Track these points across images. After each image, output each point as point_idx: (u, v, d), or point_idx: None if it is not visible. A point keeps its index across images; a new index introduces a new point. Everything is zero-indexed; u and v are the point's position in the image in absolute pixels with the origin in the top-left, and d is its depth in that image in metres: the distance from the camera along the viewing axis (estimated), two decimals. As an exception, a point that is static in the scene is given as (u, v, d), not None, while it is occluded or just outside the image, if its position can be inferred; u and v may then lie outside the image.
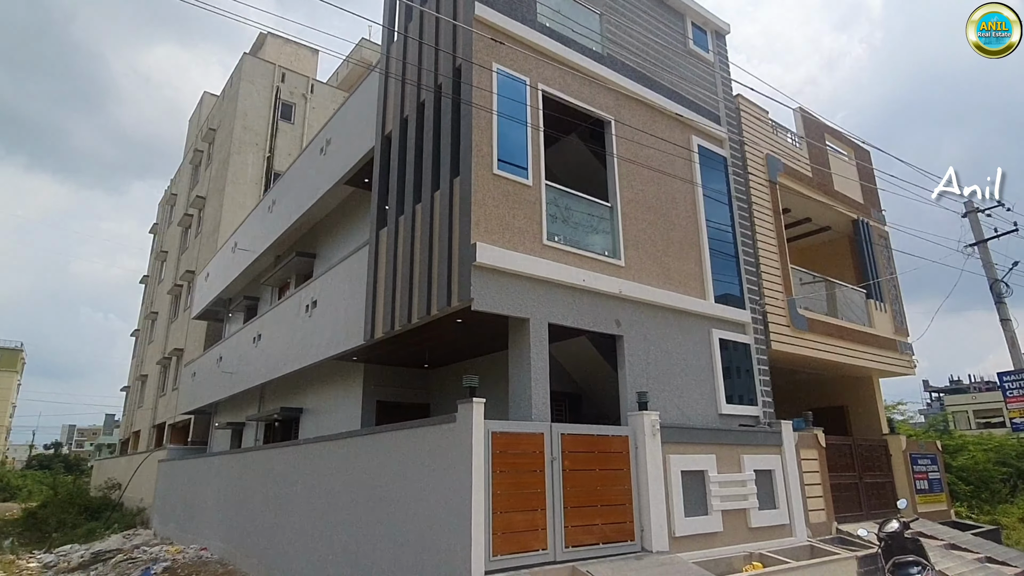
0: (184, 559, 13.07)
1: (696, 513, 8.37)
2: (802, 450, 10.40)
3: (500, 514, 6.52)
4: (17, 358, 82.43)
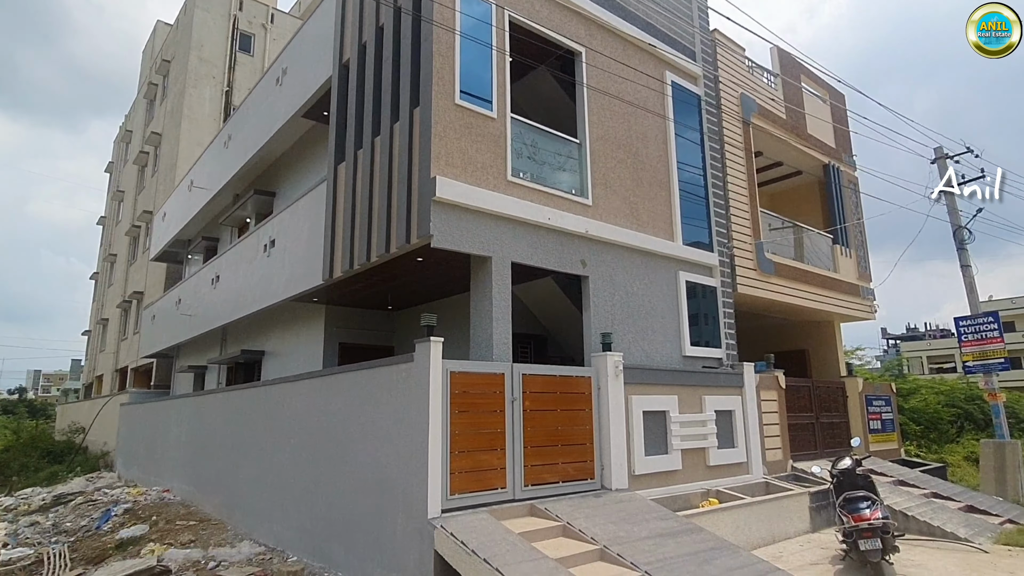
0: (146, 501, 12.96)
1: (656, 452, 8.45)
2: (762, 391, 10.54)
3: (458, 453, 6.44)
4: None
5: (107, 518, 11.86)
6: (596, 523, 6.54)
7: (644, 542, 6.28)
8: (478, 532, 5.80)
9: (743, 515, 8.28)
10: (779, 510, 8.89)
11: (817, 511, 9.42)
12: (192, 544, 9.53)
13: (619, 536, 6.31)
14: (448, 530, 5.76)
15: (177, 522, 10.89)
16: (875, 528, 6.79)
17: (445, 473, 6.27)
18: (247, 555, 8.66)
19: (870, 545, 6.76)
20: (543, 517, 6.65)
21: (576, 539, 6.27)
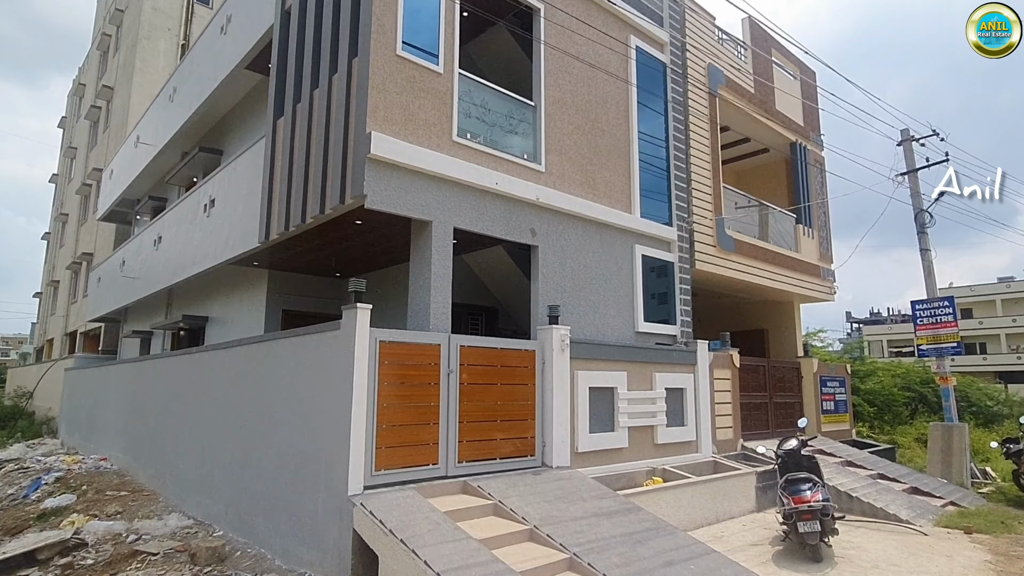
0: (80, 470, 12.40)
1: (602, 429, 8.22)
2: (716, 369, 10.38)
3: (386, 427, 6.08)
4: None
5: (36, 487, 11.30)
6: (530, 502, 6.28)
7: (577, 522, 6.03)
8: (400, 510, 5.48)
9: (687, 494, 8.13)
10: (725, 489, 8.77)
11: (763, 491, 9.34)
12: (119, 516, 9.07)
13: (552, 516, 6.06)
14: (367, 508, 5.43)
15: (108, 492, 10.40)
16: (814, 511, 6.66)
17: (370, 448, 5.92)
18: (173, 528, 8.25)
19: (808, 528, 6.63)
20: (475, 495, 6.37)
21: (507, 518, 6.00)
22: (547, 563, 5.22)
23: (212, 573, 6.58)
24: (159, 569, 6.73)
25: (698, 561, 5.76)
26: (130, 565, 6.92)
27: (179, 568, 6.73)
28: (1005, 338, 49.99)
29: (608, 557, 5.45)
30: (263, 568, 6.54)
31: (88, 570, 6.94)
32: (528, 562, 5.16)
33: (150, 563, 6.94)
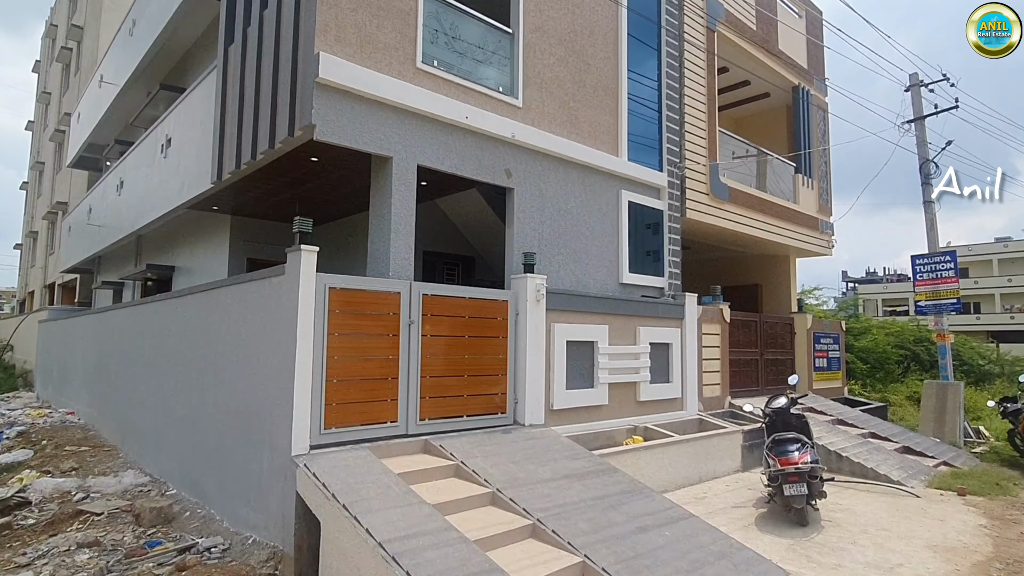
0: (45, 424, 11.96)
1: (580, 386, 7.73)
2: (705, 324, 9.86)
3: (337, 382, 5.54)
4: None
5: (-3, 441, 10.87)
6: (495, 463, 5.80)
7: (545, 485, 5.57)
8: (347, 472, 4.98)
9: (669, 453, 7.70)
10: (709, 449, 8.36)
11: (750, 450, 8.95)
12: (73, 472, 8.63)
13: (518, 478, 5.59)
14: (311, 470, 4.93)
15: (68, 448, 9.96)
16: (801, 473, 6.22)
17: (318, 404, 5.39)
18: (127, 485, 7.82)
19: (795, 491, 6.20)
20: (437, 455, 5.88)
21: (468, 481, 5.52)
22: (506, 530, 4.76)
23: (156, 535, 6.15)
24: (101, 530, 6.29)
25: (674, 527, 5.32)
26: (71, 526, 6.48)
27: (122, 529, 6.30)
28: (1000, 298, 49.75)
29: (575, 523, 4.99)
30: (210, 530, 6.11)
31: (28, 530, 6.50)
32: (485, 529, 4.70)
33: (92, 523, 6.50)
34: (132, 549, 5.69)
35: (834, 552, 5.62)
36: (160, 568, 5.21)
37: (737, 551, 5.17)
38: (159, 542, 5.87)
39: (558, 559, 4.52)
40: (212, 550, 5.62)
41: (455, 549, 4.24)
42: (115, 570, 5.28)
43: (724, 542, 5.27)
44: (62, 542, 5.99)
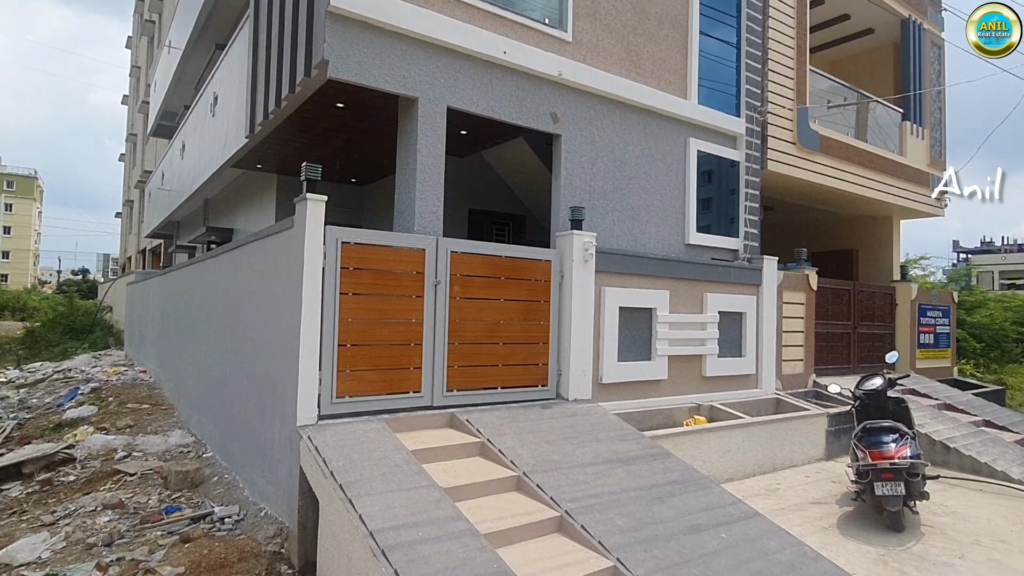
0: (117, 381, 12.41)
1: (634, 358, 6.88)
2: (786, 292, 8.68)
3: (351, 347, 5.01)
4: (33, 186, 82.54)
5: (72, 396, 11.33)
6: (526, 442, 5.12)
7: (582, 470, 4.84)
8: (353, 447, 4.45)
9: (737, 437, 6.75)
10: (786, 433, 7.32)
11: (836, 436, 7.82)
12: (128, 430, 8.74)
13: (551, 461, 4.88)
14: (314, 442, 4.43)
15: (129, 405, 10.20)
16: (898, 469, 5.15)
17: (329, 370, 4.89)
18: (172, 446, 7.77)
19: (889, 490, 5.15)
20: (462, 431, 5.27)
21: (493, 461, 4.88)
22: (527, 523, 4.09)
23: (179, 499, 5.95)
24: (130, 491, 6.17)
25: (733, 528, 4.47)
26: (104, 485, 6.42)
27: (149, 492, 6.15)
28: None
29: (611, 518, 4.25)
30: (231, 498, 5.82)
31: (66, 487, 6.50)
32: (502, 520, 4.04)
33: (124, 484, 6.41)
34: (149, 514, 5.48)
35: (936, 568, 4.59)
36: (166, 538, 4.93)
37: (811, 562, 4.26)
38: (178, 508, 5.64)
39: (584, 562, 3.80)
40: (226, 520, 5.31)
41: (460, 544, 3.61)
42: (126, 536, 5.06)
43: (795, 549, 4.37)
44: (90, 502, 5.90)
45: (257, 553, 4.70)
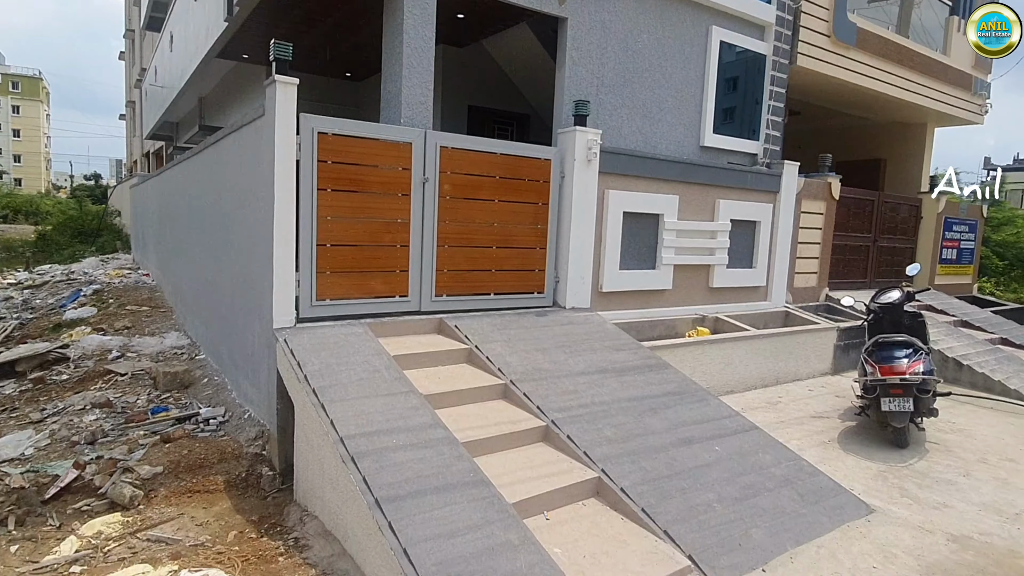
0: (119, 284, 12.37)
1: (638, 266, 6.54)
2: (805, 201, 8.16)
3: (331, 246, 4.70)
4: (39, 87, 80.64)
5: (75, 298, 11.31)
6: (517, 349, 4.89)
7: (573, 379, 4.62)
8: (330, 351, 4.24)
9: (740, 349, 6.50)
10: (792, 347, 7.07)
11: (844, 351, 7.56)
12: (126, 331, 8.69)
13: (541, 369, 4.66)
14: (290, 346, 4.22)
15: (128, 307, 10.14)
16: (908, 385, 4.88)
17: (308, 271, 4.60)
18: (166, 347, 7.71)
19: (896, 406, 4.91)
20: (450, 337, 5.04)
21: (480, 369, 4.67)
22: (510, 432, 3.91)
23: (168, 400, 5.89)
24: (119, 391, 6.12)
25: (728, 440, 4.28)
26: (95, 384, 6.38)
27: (139, 392, 6.09)
28: None
29: (599, 429, 4.06)
30: (218, 400, 5.75)
31: (58, 386, 6.47)
32: (483, 429, 3.86)
33: (115, 384, 6.36)
34: (134, 414, 5.42)
35: (939, 486, 4.41)
36: (148, 437, 4.86)
37: (807, 477, 4.09)
38: (165, 408, 5.58)
39: (567, 472, 3.64)
40: (211, 421, 5.23)
41: (436, 452, 3.43)
42: (110, 435, 5.01)
43: (791, 464, 4.20)
44: (79, 401, 5.85)
45: (238, 454, 4.63)
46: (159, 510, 3.87)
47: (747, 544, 3.32)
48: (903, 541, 3.53)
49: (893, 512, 3.92)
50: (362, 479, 3.12)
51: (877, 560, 3.30)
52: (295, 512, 3.83)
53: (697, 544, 3.22)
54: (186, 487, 4.13)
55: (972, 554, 3.43)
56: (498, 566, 2.76)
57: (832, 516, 3.74)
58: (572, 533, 3.23)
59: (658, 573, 2.96)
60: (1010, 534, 3.69)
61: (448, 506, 3.05)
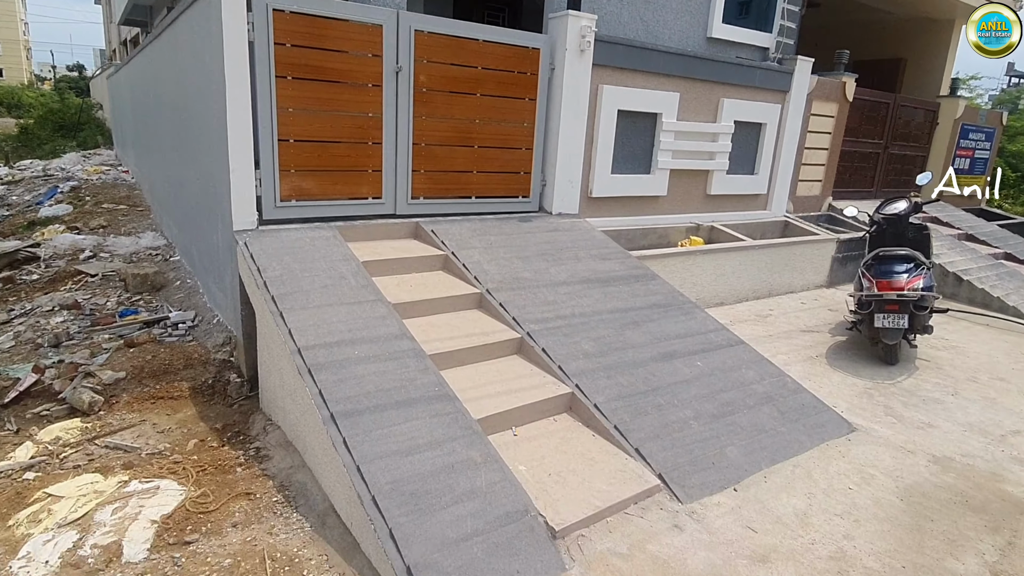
0: (98, 180, 11.93)
1: (631, 170, 6.15)
2: (816, 102, 7.61)
3: (293, 142, 4.31)
4: (8, -35, 75.23)
5: (52, 195, 10.92)
6: (496, 256, 4.62)
7: (554, 289, 4.39)
8: (294, 255, 3.97)
9: (733, 260, 6.25)
10: (789, 258, 6.81)
11: (842, 263, 7.32)
12: (101, 230, 8.41)
13: (520, 278, 4.42)
14: (250, 249, 3.95)
15: (105, 205, 9.79)
16: (905, 302, 4.66)
17: (269, 169, 4.25)
18: (141, 248, 7.46)
19: (890, 322, 4.72)
20: (426, 243, 4.76)
21: (456, 276, 4.43)
22: (482, 344, 3.72)
23: (139, 303, 5.70)
24: (89, 292, 5.92)
25: (711, 355, 4.11)
26: (65, 285, 6.17)
27: (109, 294, 5.89)
28: None
29: (577, 342, 3.87)
30: (190, 304, 5.56)
31: (28, 286, 6.26)
32: (453, 340, 3.67)
33: (85, 285, 6.15)
34: (102, 317, 5.24)
35: (925, 404, 4.30)
36: (112, 341, 4.70)
37: (790, 394, 3.95)
38: (134, 311, 5.40)
39: (539, 387, 3.48)
40: (180, 326, 5.07)
41: (400, 364, 3.25)
42: (75, 338, 4.85)
43: (775, 380, 4.05)
44: (47, 302, 5.66)
45: (206, 360, 4.48)
46: (120, 416, 3.75)
47: (721, 463, 3.21)
48: (883, 461, 3.44)
49: (875, 431, 3.81)
50: (318, 392, 2.95)
51: (854, 481, 3.21)
52: (260, 421, 3.72)
53: (668, 462, 3.11)
54: (149, 393, 4.01)
55: (953, 476, 3.34)
56: (456, 484, 2.64)
57: (812, 435, 3.63)
58: (539, 450, 3.11)
59: (624, 492, 2.86)
60: (994, 456, 3.60)
61: (409, 422, 2.90)
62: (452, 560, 2.33)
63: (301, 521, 2.75)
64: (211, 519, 2.72)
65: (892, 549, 2.70)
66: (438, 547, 2.37)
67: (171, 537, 2.59)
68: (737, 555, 2.58)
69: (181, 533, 2.62)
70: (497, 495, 2.64)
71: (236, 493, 2.93)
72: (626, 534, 2.65)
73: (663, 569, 2.47)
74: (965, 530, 2.87)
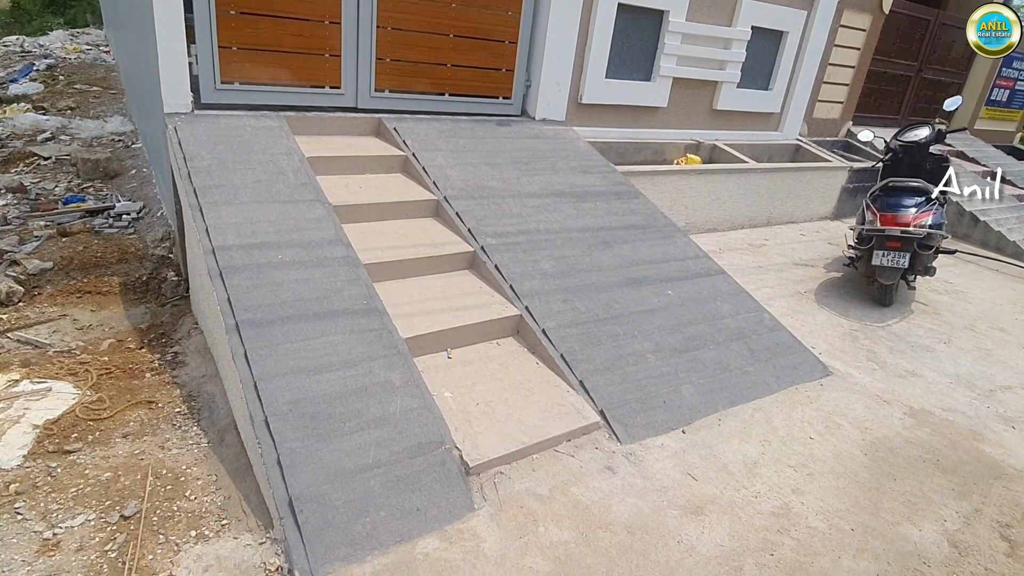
0: (76, 60, 11.27)
1: (629, 75, 5.55)
2: (848, 12, 6.82)
3: (236, 13, 3.79)
4: None
5: (26, 72, 10.32)
6: (462, 161, 4.19)
7: (521, 201, 3.99)
8: (229, 145, 3.56)
9: (731, 183, 5.76)
10: (793, 185, 6.30)
11: (852, 195, 6.81)
12: (69, 112, 7.93)
13: (485, 187, 4.01)
14: (179, 135, 3.54)
15: (78, 85, 9.24)
16: (909, 239, 4.24)
17: (207, 45, 3.76)
18: (107, 132, 7.01)
19: (888, 261, 4.31)
20: (388, 141, 4.32)
21: (413, 180, 4.02)
22: (430, 255, 3.37)
23: (89, 190, 5.35)
24: (39, 176, 5.56)
25: (684, 284, 3.76)
26: (16, 167, 5.80)
27: (59, 179, 5.53)
28: None
29: (536, 260, 3.52)
30: (141, 195, 5.21)
31: (-21, 165, 5.91)
32: (396, 250, 3.32)
33: (37, 168, 5.78)
34: (45, 203, 4.91)
35: (913, 351, 3.97)
36: (45, 229, 4.39)
37: (765, 331, 3.63)
38: (80, 198, 5.05)
39: (484, 306, 3.16)
40: (123, 217, 4.75)
41: (327, 272, 2.92)
42: (12, 224, 4.53)
43: (751, 315, 3.71)
44: (-8, 183, 5.33)
45: (143, 255, 4.18)
46: (40, 309, 3.49)
47: (673, 402, 2.93)
48: (853, 411, 3.16)
49: (853, 377, 3.51)
50: (227, 299, 2.64)
51: (817, 430, 2.94)
52: (187, 323, 3.46)
53: (614, 398, 2.83)
54: (75, 286, 3.73)
55: (928, 432, 3.06)
56: (366, 409, 2.37)
57: (781, 377, 3.33)
58: (473, 376, 2.83)
59: (558, 428, 2.59)
60: (977, 412, 3.31)
61: (324, 336, 2.60)
62: (343, 493, 2.10)
63: (199, 436, 2.52)
64: (101, 427, 2.49)
65: (843, 508, 2.45)
66: (330, 477, 2.12)
67: (51, 444, 2.37)
68: (669, 504, 2.34)
69: (64, 441, 2.40)
70: (411, 423, 2.38)
71: (137, 401, 2.70)
72: (551, 474, 2.40)
73: (583, 515, 2.23)
74: (929, 492, 2.62)
